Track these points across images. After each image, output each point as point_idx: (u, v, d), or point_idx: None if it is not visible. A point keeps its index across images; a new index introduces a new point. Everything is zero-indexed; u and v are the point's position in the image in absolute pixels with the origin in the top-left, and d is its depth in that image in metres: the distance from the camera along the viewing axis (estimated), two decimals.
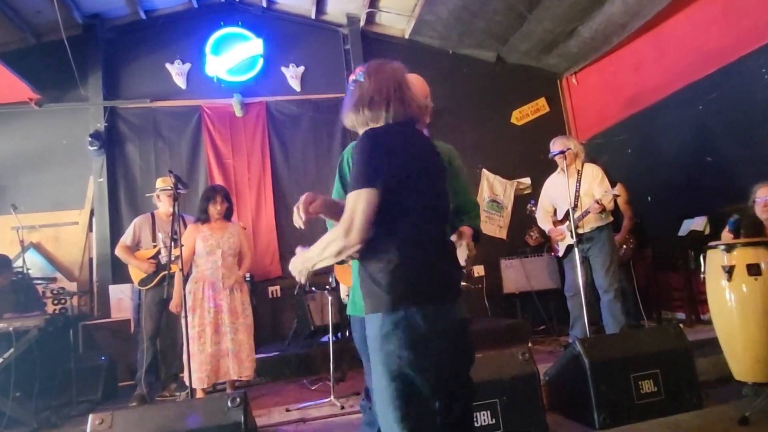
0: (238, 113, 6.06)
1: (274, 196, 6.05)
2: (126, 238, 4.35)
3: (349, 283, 4.38)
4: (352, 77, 1.75)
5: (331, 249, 1.62)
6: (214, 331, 3.80)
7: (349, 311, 2.19)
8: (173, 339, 4.32)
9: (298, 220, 1.68)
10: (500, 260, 5.91)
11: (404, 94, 1.68)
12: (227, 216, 4.08)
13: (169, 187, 4.20)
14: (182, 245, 3.55)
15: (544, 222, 4.63)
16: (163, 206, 4.40)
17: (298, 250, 1.74)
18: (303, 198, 1.71)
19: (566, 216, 4.31)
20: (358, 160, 1.59)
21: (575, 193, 4.26)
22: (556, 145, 4.32)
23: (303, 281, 1.75)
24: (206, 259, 3.91)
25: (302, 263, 1.70)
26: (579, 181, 4.29)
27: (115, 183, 5.78)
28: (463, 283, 3.77)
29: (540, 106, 6.88)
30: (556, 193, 4.46)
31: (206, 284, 3.87)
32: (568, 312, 4.46)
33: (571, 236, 3.97)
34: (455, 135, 6.64)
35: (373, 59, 1.83)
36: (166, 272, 3.86)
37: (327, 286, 4.94)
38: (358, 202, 1.56)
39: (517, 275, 5.81)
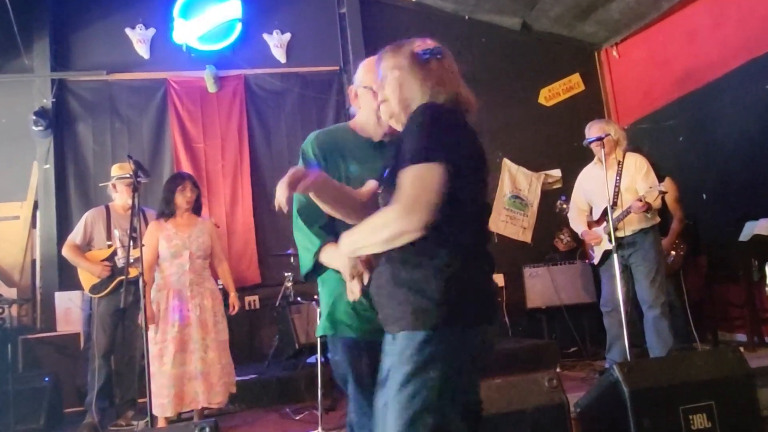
0: (212, 89, 6.05)
1: (252, 188, 6.05)
2: (75, 236, 4.35)
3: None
4: (424, 47, 1.71)
5: (385, 233, 1.49)
6: (179, 349, 3.79)
7: (325, 331, 2.08)
8: (131, 357, 4.31)
9: (282, 197, 1.61)
10: (523, 268, 5.91)
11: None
12: (196, 210, 4.08)
13: (128, 175, 4.20)
14: (143, 245, 3.54)
15: (576, 223, 4.61)
16: (120, 198, 4.41)
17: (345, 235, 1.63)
18: (291, 171, 1.64)
19: (603, 216, 4.29)
20: (415, 132, 1.52)
21: (615, 188, 4.23)
22: (592, 131, 4.29)
23: (361, 284, 1.70)
24: (171, 263, 3.90)
25: (349, 249, 1.60)
26: (619, 173, 4.26)
27: (64, 170, 5.78)
28: None
29: (573, 84, 6.86)
30: (592, 187, 4.43)
31: (171, 293, 3.86)
32: (604, 331, 4.44)
33: (609, 240, 3.94)
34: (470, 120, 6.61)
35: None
36: (124, 277, 3.85)
37: (315, 297, 4.93)
38: (425, 178, 1.46)
39: (544, 286, 5.80)
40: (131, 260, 3.90)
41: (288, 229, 6.93)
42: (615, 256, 3.86)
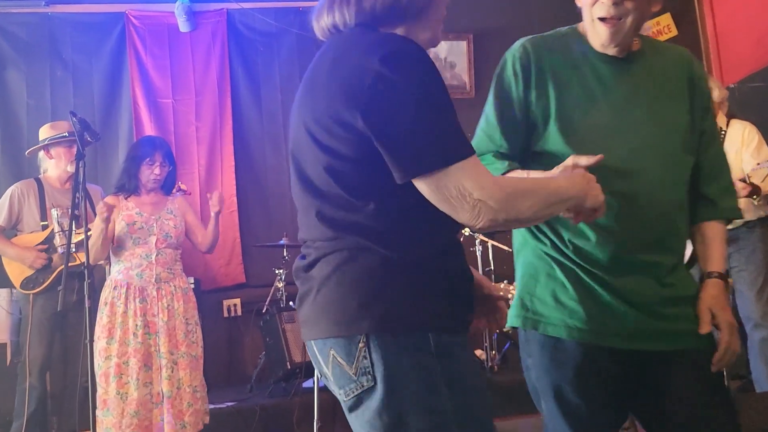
0: (184, 27, 6.04)
1: (236, 158, 6.08)
2: None
3: None
4: None
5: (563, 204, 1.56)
6: (143, 364, 3.79)
7: (513, 322, 1.95)
8: (72, 375, 4.31)
9: None
10: None
11: None
12: (166, 187, 4.09)
13: (65, 134, 4.21)
14: (89, 230, 3.53)
15: None
16: (57, 167, 4.43)
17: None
18: None
19: None
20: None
21: None
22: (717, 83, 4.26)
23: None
24: (132, 253, 3.92)
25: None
26: (721, 145, 4.18)
27: None
28: None
29: (663, 28, 6.76)
30: None
31: (131, 291, 3.87)
32: None
33: None
34: None
35: None
36: (64, 268, 3.80)
37: None
38: None
39: None
40: (73, 248, 3.89)
41: (281, 212, 6.99)
42: None
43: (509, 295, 4.04)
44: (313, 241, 1.52)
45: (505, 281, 4.69)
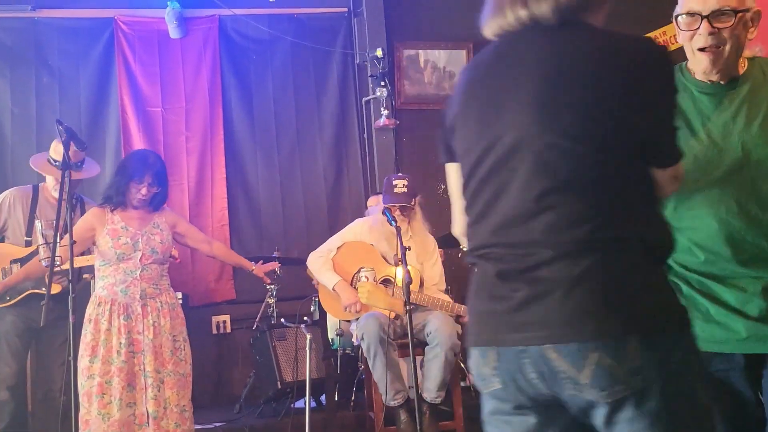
0: (174, 34, 6.10)
1: (227, 170, 6.14)
2: None
3: (340, 314, 4.49)
4: None
5: None
6: (126, 384, 3.80)
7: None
8: (47, 391, 4.35)
9: None
10: None
11: None
12: (154, 204, 4.11)
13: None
14: (74, 241, 3.56)
15: None
16: (53, 182, 4.40)
17: None
18: None
19: None
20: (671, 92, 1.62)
21: None
22: None
23: None
24: (116, 268, 3.93)
25: None
26: None
27: None
28: None
29: (669, 39, 6.81)
30: None
31: (116, 308, 3.89)
32: None
33: None
34: None
35: None
36: (48, 280, 3.77)
37: (305, 319, 4.99)
38: None
39: None
40: (58, 262, 3.90)
41: (273, 226, 7.02)
42: None
43: None
44: (543, 242, 1.49)
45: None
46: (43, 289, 4.04)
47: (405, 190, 4.38)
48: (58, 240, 3.55)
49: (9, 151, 5.86)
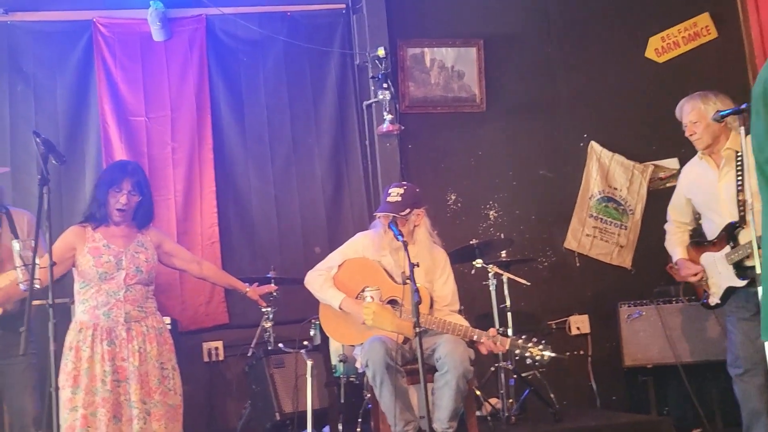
0: (158, 36, 6.12)
1: (217, 183, 6.13)
2: None
3: (344, 338, 4.45)
4: None
5: None
6: (112, 415, 3.79)
7: None
8: (25, 429, 4.31)
9: None
10: (619, 307, 5.90)
11: None
12: (138, 219, 4.13)
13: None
14: (54, 263, 3.54)
15: (673, 243, 4.73)
16: None
17: None
18: None
19: (727, 233, 4.33)
20: None
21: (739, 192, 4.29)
22: (728, 101, 4.36)
23: None
24: (98, 290, 3.94)
25: None
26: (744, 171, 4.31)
27: None
28: (544, 352, 3.82)
29: (700, 30, 6.79)
30: (702, 190, 4.50)
31: (98, 333, 3.88)
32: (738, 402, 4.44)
33: (740, 275, 4.05)
34: (541, 81, 6.63)
35: None
36: (27, 306, 3.76)
37: (305, 344, 4.96)
38: None
39: (650, 335, 5.78)
40: (37, 282, 3.89)
41: (268, 242, 7.00)
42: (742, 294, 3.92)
43: (497, 348, 4.07)
44: None
45: (498, 329, 4.67)
46: None
47: (398, 199, 4.37)
48: (35, 260, 3.52)
49: None
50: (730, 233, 4.27)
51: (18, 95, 6.01)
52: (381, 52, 5.87)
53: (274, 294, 4.87)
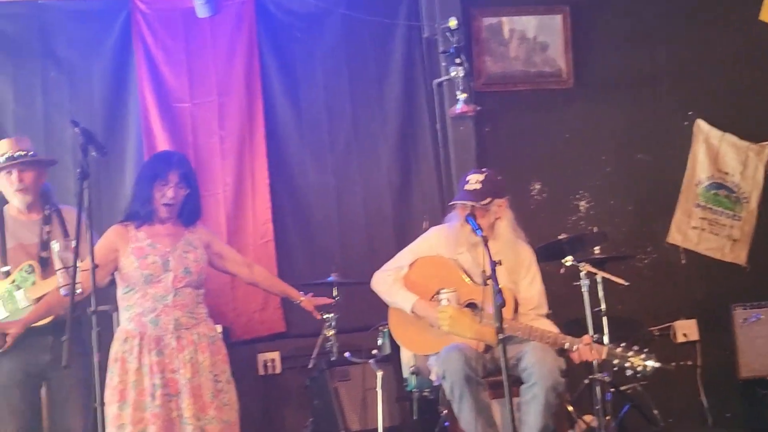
0: (202, 12, 6.06)
1: (270, 174, 6.16)
2: None
3: (417, 347, 4.43)
4: None
5: None
6: None
7: None
8: None
9: None
10: (733, 310, 5.82)
11: None
12: (185, 217, 4.17)
13: (17, 155, 4.33)
14: (96, 265, 3.58)
15: None
16: (17, 203, 4.43)
17: None
18: None
19: None
20: None
21: None
22: None
23: None
24: (144, 294, 3.98)
25: None
26: None
27: None
28: (647, 362, 3.76)
29: None
30: None
31: (145, 342, 3.92)
32: None
33: None
34: (638, 52, 6.53)
35: None
36: (69, 312, 3.76)
37: (374, 354, 4.95)
38: None
39: None
40: (78, 287, 3.94)
41: (328, 241, 7.03)
42: None
43: (593, 356, 3.99)
44: None
45: (593, 336, 4.59)
46: (40, 322, 4.13)
47: (478, 186, 4.32)
48: (76, 262, 3.53)
49: None
50: None
51: (51, 82, 6.12)
52: (452, 23, 5.81)
53: (335, 298, 4.88)
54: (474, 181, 4.33)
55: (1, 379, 4.27)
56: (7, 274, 4.35)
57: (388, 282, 4.43)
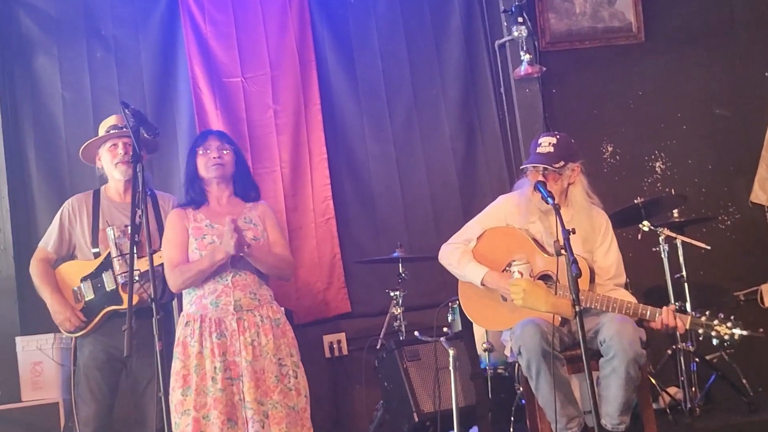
0: None
1: (327, 148, 6.22)
2: (47, 241, 4.59)
3: (490, 322, 4.44)
4: None
5: None
6: (226, 418, 3.88)
7: None
8: None
9: None
10: None
11: None
12: (243, 191, 4.27)
13: (121, 127, 4.43)
14: (154, 250, 3.66)
15: None
16: (118, 174, 4.52)
17: None
18: None
19: None
20: None
21: None
22: None
23: None
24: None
25: None
26: None
27: (18, 134, 6.13)
28: (734, 330, 3.73)
29: None
30: None
31: (206, 325, 4.00)
32: None
33: None
34: (714, 1, 6.45)
35: None
36: (128, 301, 3.75)
37: (445, 331, 4.96)
38: None
39: None
40: (139, 277, 4.05)
41: (391, 216, 7.05)
42: None
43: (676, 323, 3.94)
44: None
45: (675, 304, 4.53)
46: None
47: (551, 149, 4.25)
48: (134, 250, 3.58)
49: (63, 145, 6.10)
50: None
51: (98, 62, 6.23)
52: None
53: (403, 275, 4.89)
54: (546, 143, 4.27)
55: (84, 360, 4.42)
56: (97, 255, 4.46)
57: (456, 255, 4.38)
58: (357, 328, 6.05)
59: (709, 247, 5.22)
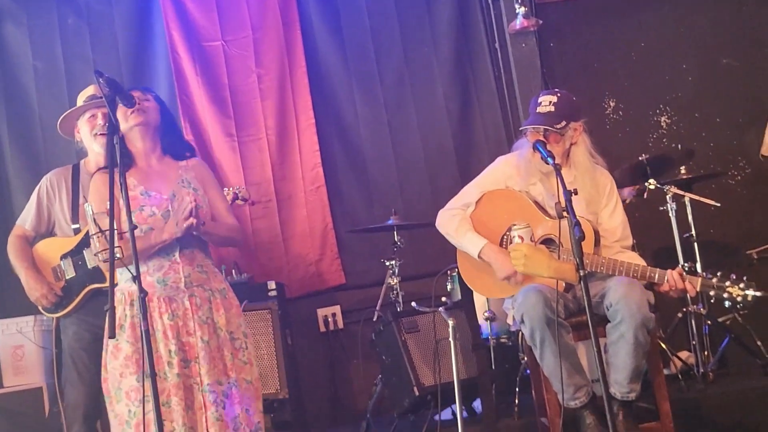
0: None
1: (315, 112, 6.21)
2: (25, 219, 4.58)
3: (491, 290, 4.44)
4: None
5: None
6: (185, 405, 3.76)
7: None
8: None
9: None
10: None
11: None
12: (173, 148, 4.05)
13: (100, 97, 4.32)
14: (135, 226, 3.57)
15: None
16: (98, 147, 4.47)
17: None
18: None
19: None
20: None
21: None
22: None
23: None
24: None
25: None
26: None
27: None
28: (747, 291, 3.70)
29: None
30: None
31: (156, 305, 3.81)
32: None
33: None
34: None
35: None
36: (109, 280, 3.71)
37: (444, 301, 4.97)
38: None
39: None
40: (118, 253, 4.00)
41: (384, 182, 7.07)
42: None
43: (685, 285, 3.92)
44: None
45: (684, 265, 4.53)
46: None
47: (551, 109, 4.22)
48: (113, 226, 3.46)
49: (36, 118, 6.10)
50: None
51: (70, 30, 6.22)
52: None
53: (398, 243, 4.88)
54: (547, 102, 4.24)
55: (69, 341, 4.41)
56: (77, 231, 4.46)
57: (454, 223, 4.37)
58: (352, 300, 6.07)
59: (719, 204, 5.21)
